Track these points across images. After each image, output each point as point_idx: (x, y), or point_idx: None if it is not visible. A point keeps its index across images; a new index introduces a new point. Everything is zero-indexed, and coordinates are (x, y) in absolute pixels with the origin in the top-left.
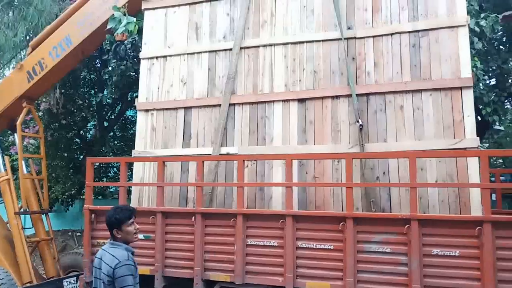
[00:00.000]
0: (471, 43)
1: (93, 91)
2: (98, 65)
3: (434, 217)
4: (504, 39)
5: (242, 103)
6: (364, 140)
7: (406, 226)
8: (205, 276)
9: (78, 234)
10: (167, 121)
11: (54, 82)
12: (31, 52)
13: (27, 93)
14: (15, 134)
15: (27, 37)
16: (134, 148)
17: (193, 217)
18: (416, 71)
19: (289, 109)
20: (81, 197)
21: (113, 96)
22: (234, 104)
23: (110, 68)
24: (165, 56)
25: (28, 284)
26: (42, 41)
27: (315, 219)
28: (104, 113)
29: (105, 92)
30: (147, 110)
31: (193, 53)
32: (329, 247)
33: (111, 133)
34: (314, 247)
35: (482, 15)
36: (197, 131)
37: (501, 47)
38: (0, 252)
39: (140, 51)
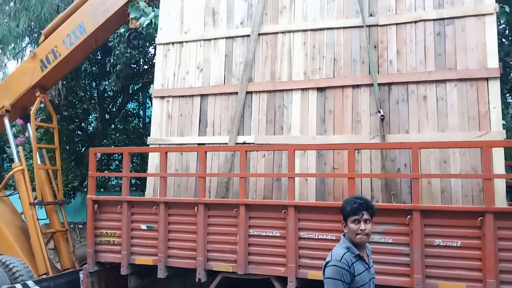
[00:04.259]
0: None
1: (94, 83)
2: (99, 57)
3: (436, 208)
4: (507, 31)
5: (260, 91)
6: (385, 131)
7: (408, 216)
8: (208, 266)
9: (80, 226)
10: (183, 108)
11: (67, 71)
12: (44, 40)
13: (40, 82)
14: (27, 124)
15: (29, 28)
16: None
17: (195, 208)
18: (441, 61)
19: (308, 98)
20: (83, 190)
21: (114, 88)
22: (251, 92)
23: (114, 57)
24: (181, 42)
25: (44, 276)
26: (55, 29)
27: (317, 209)
28: (105, 105)
29: (107, 82)
30: (162, 97)
31: (209, 39)
32: (331, 238)
33: (113, 126)
34: (316, 237)
35: None
36: (213, 119)
37: (503, 40)
38: (15, 243)
39: (152, 39)
